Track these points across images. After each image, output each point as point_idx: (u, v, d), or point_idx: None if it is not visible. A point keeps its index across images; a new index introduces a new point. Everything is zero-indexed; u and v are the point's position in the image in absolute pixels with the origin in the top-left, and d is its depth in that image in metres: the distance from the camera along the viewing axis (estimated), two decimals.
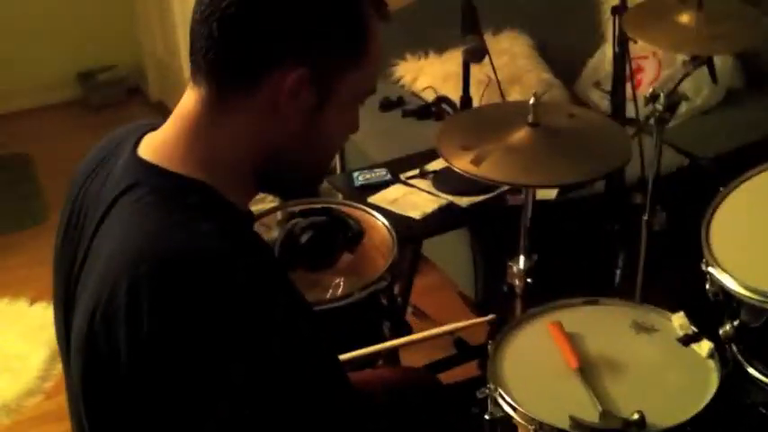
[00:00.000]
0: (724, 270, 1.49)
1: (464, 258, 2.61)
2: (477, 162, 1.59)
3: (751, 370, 1.54)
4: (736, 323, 1.53)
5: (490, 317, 1.86)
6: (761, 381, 1.52)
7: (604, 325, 1.67)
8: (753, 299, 1.47)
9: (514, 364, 1.60)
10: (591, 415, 1.44)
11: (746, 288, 1.46)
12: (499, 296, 2.42)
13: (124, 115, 4.01)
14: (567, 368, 1.55)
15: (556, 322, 1.64)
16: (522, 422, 1.47)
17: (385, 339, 1.85)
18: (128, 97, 4.22)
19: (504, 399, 1.51)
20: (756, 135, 2.54)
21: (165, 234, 1.00)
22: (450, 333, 1.96)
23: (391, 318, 1.83)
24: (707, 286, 1.53)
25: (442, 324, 2.31)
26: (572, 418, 1.43)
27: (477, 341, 2.50)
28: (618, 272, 1.81)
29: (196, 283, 0.96)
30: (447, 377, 2.38)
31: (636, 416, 1.43)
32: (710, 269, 1.50)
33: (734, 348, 1.57)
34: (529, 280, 1.86)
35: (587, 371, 1.54)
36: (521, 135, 1.71)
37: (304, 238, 1.71)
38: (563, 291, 1.72)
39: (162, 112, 4.00)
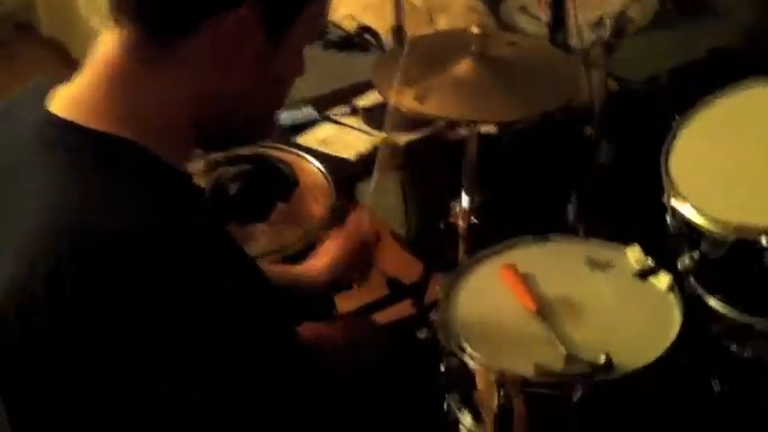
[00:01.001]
0: (687, 202, 1.42)
1: (394, 196, 2.52)
2: (421, 99, 1.48)
3: (712, 302, 1.49)
4: (696, 255, 1.47)
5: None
6: (721, 312, 1.47)
7: (558, 264, 1.59)
8: (715, 231, 1.41)
9: (468, 310, 1.51)
10: (555, 360, 1.37)
11: (710, 220, 1.40)
12: (434, 235, 2.34)
13: (13, 54, 3.74)
14: (524, 312, 1.47)
15: (509, 265, 1.56)
16: (483, 372, 1.40)
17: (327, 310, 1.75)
18: (17, 34, 3.93)
19: (461, 348, 1.43)
20: (687, 57, 2.49)
21: (87, 205, 0.86)
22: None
23: None
24: (668, 219, 1.47)
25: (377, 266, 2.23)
26: (537, 366, 1.36)
27: (411, 279, 2.43)
28: (570, 208, 1.74)
29: (126, 263, 0.83)
30: (381, 318, 2.31)
31: (602, 358, 1.37)
32: (673, 201, 1.43)
33: (692, 280, 1.51)
34: (474, 220, 1.77)
35: (546, 313, 1.47)
36: (464, 67, 1.59)
37: (233, 190, 1.57)
38: (510, 231, 1.64)
39: (55, 49, 3.73)
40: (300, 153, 1.81)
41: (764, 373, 1.47)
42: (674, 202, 1.43)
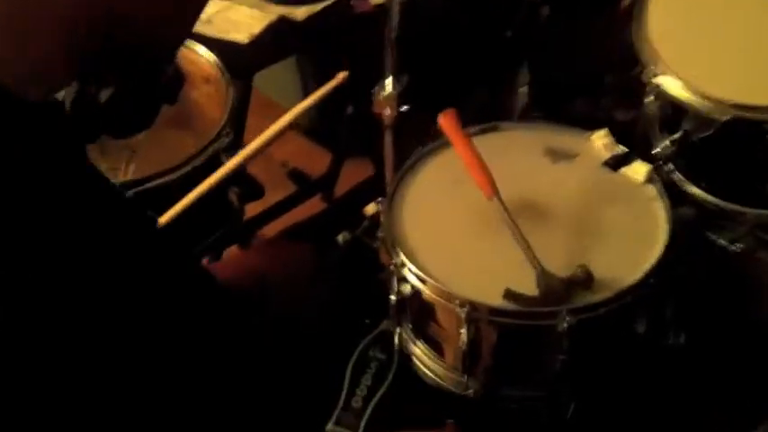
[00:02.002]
0: (673, 75, 1.18)
1: (291, 79, 2.18)
2: None
3: (695, 190, 1.27)
4: (677, 138, 1.24)
5: (342, 74, 1.44)
6: (709, 201, 1.26)
7: (512, 157, 1.33)
8: (706, 109, 1.18)
9: (417, 225, 1.25)
10: (526, 279, 1.14)
11: (701, 96, 1.16)
12: (342, 121, 2.04)
13: None
14: (484, 221, 1.21)
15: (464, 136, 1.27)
16: (445, 303, 1.15)
17: (234, 209, 1.44)
18: None
19: (414, 273, 1.17)
20: None
21: None
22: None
23: (239, 180, 1.41)
24: (649, 98, 1.22)
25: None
26: (508, 292, 1.12)
27: (317, 172, 2.13)
28: (522, 91, 1.47)
29: None
30: (291, 218, 2.02)
31: (579, 272, 1.14)
32: (660, 77, 1.18)
33: (670, 167, 1.29)
34: (403, 108, 1.47)
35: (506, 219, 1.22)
36: None
37: (104, 96, 1.21)
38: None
39: None
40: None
41: (755, 269, 1.28)
42: (660, 78, 1.17)
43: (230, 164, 1.31)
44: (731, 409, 1.33)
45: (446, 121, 1.28)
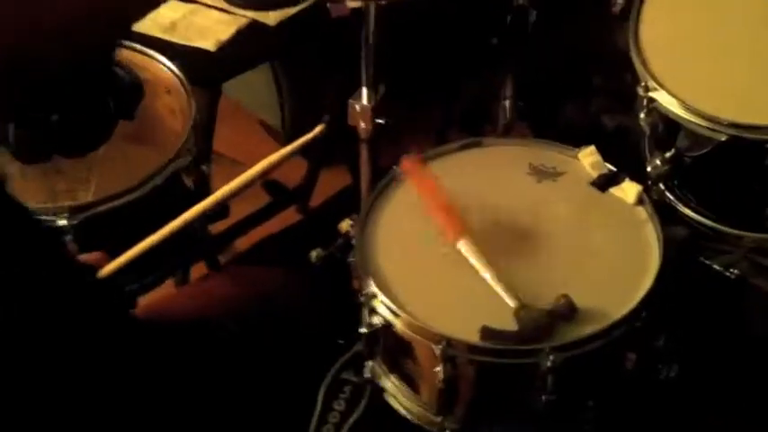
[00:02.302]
0: (667, 92, 1.09)
1: (264, 84, 2.08)
2: None
3: (689, 212, 1.19)
4: (668, 156, 1.15)
5: (319, 127, 1.33)
6: (705, 224, 1.18)
7: (495, 175, 1.24)
8: (700, 125, 1.09)
9: (391, 252, 1.16)
10: (505, 310, 1.05)
11: (697, 115, 1.08)
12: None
13: None
14: (457, 248, 1.13)
15: (425, 179, 1.19)
16: (421, 340, 1.06)
17: (199, 233, 1.34)
18: None
19: (386, 305, 1.08)
20: None
21: None
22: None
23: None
24: (641, 114, 1.13)
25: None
26: (485, 330, 1.03)
27: (292, 181, 2.04)
28: (505, 104, 1.38)
29: None
30: (264, 230, 1.93)
31: (561, 302, 1.05)
32: (654, 93, 1.09)
33: (660, 187, 1.20)
34: (379, 120, 1.38)
35: (485, 247, 1.13)
36: None
37: (55, 117, 1.12)
38: (426, 132, 1.28)
39: None
40: (141, 48, 1.35)
41: (754, 296, 1.20)
42: (655, 94, 1.09)
43: (190, 213, 1.19)
44: None
45: (409, 166, 1.20)
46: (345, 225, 1.58)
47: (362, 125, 1.40)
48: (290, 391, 1.40)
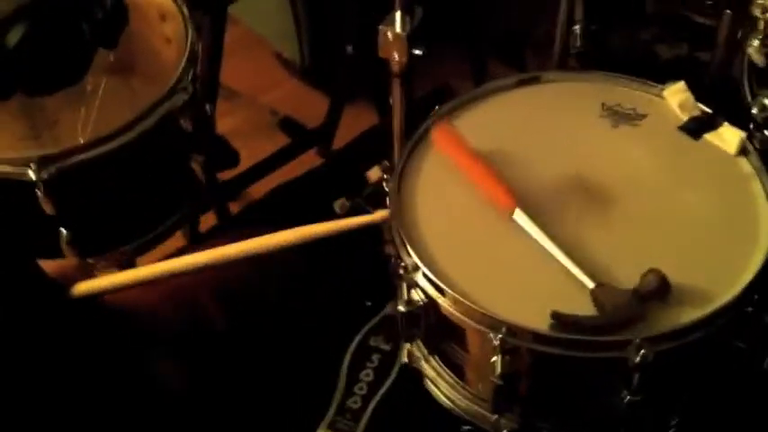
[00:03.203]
0: None
1: (281, 12, 1.85)
2: None
3: None
4: None
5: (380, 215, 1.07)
6: None
7: (560, 119, 1.02)
8: None
9: (433, 214, 0.94)
10: (577, 295, 0.84)
11: None
12: (340, 61, 1.72)
13: None
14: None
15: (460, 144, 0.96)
16: (473, 323, 0.85)
17: (196, 181, 1.13)
18: None
19: (431, 281, 0.87)
20: None
21: None
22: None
23: (201, 146, 1.10)
24: (755, 43, 0.90)
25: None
26: (557, 316, 0.82)
27: (312, 121, 1.81)
28: (575, 29, 1.14)
29: None
30: (281, 175, 1.71)
31: (650, 279, 0.83)
32: None
33: (764, 134, 0.97)
34: (417, 51, 1.15)
35: (550, 212, 0.91)
36: None
37: (13, 38, 0.90)
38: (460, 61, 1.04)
39: None
40: None
41: None
42: None
43: (188, 260, 0.95)
44: None
45: (442, 136, 0.97)
46: (374, 174, 1.36)
47: (396, 57, 1.17)
48: (310, 362, 1.21)
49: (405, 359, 1.00)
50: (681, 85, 1.00)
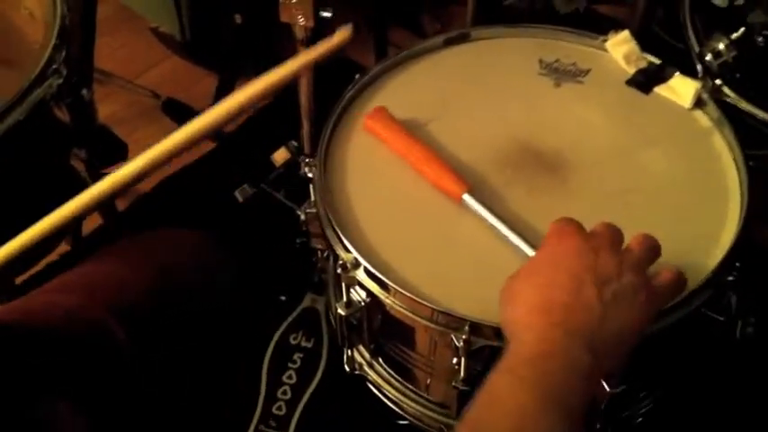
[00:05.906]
0: None
1: None
2: None
3: (758, 111, 0.89)
4: (735, 37, 0.84)
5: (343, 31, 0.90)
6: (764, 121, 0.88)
7: (496, 79, 0.90)
8: None
9: (368, 200, 0.81)
10: None
11: None
12: (224, 31, 1.56)
13: None
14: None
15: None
16: (433, 325, 0.73)
17: (79, 179, 0.97)
18: None
19: (376, 279, 0.75)
20: None
21: None
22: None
23: (85, 138, 0.94)
24: None
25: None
26: None
27: (199, 102, 1.64)
28: None
29: None
30: (174, 164, 1.54)
31: None
32: None
33: (715, 83, 0.89)
34: (325, 14, 1.01)
35: (497, 189, 0.80)
36: None
37: None
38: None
39: None
40: None
41: None
42: None
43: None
44: None
45: (375, 123, 0.84)
46: (281, 155, 1.24)
47: (301, 20, 1.04)
48: (227, 372, 1.09)
49: (347, 368, 0.88)
50: (625, 34, 0.90)
